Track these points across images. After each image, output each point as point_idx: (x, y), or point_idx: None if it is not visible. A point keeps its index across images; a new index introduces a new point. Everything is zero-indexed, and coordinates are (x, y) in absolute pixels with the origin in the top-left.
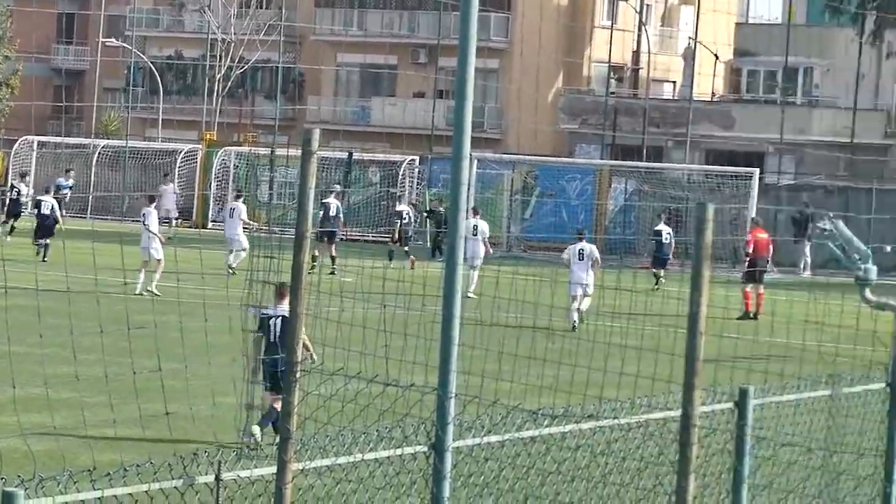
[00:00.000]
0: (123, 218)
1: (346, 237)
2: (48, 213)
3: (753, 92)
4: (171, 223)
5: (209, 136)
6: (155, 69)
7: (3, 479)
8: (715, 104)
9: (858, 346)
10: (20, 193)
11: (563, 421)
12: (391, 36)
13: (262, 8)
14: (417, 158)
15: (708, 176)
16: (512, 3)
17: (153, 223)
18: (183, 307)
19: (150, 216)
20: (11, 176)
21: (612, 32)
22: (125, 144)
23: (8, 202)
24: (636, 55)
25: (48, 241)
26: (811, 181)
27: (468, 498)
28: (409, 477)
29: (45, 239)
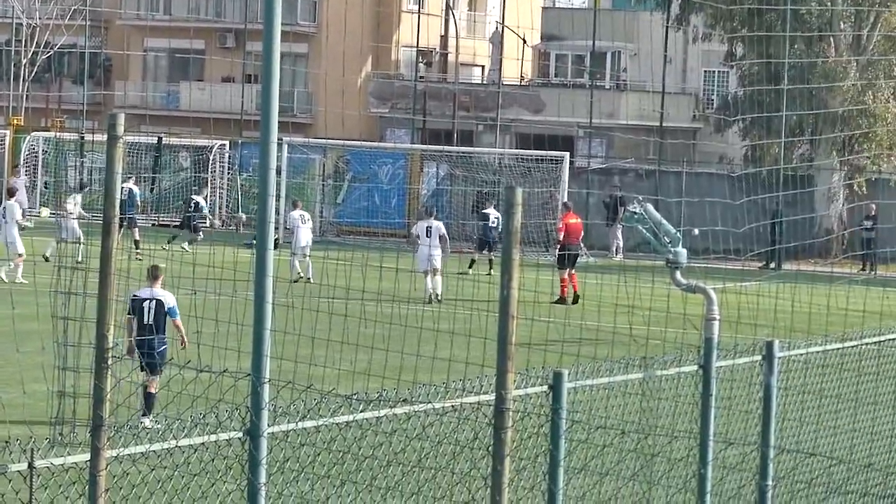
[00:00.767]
0: None
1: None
2: None
3: (562, 76)
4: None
5: (16, 121)
6: None
7: None
8: (524, 88)
9: (670, 328)
10: None
11: (377, 405)
12: (197, 21)
13: None
14: (228, 143)
15: (519, 160)
16: None
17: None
18: None
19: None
20: None
21: (419, 17)
22: None
23: None
24: (444, 39)
25: None
26: (621, 164)
27: (284, 483)
28: (224, 463)
29: None
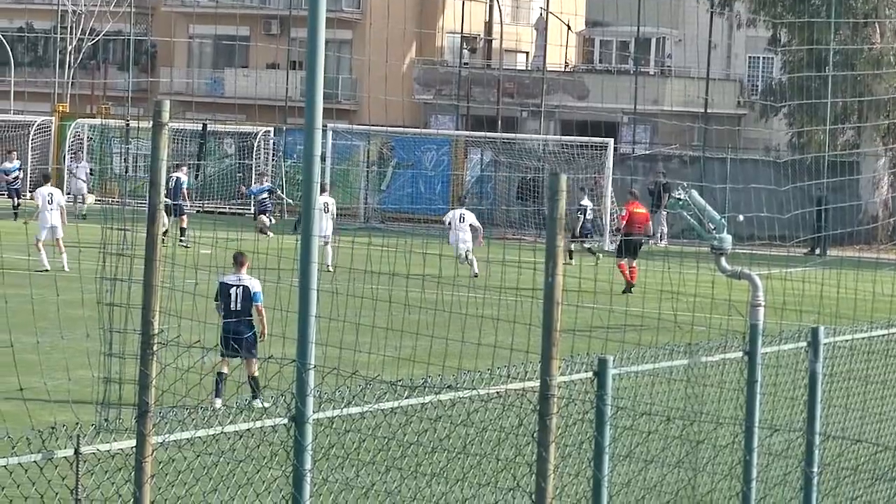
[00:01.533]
0: None
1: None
2: None
3: (606, 62)
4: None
5: (62, 108)
6: (5, 41)
7: None
8: (568, 74)
9: (715, 314)
10: None
11: (422, 392)
12: (242, 7)
13: None
14: (272, 130)
15: (563, 146)
16: None
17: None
18: (35, 280)
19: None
20: None
21: (463, 3)
22: None
23: None
24: (488, 25)
25: None
26: (666, 151)
27: (329, 469)
28: (269, 449)
29: None
